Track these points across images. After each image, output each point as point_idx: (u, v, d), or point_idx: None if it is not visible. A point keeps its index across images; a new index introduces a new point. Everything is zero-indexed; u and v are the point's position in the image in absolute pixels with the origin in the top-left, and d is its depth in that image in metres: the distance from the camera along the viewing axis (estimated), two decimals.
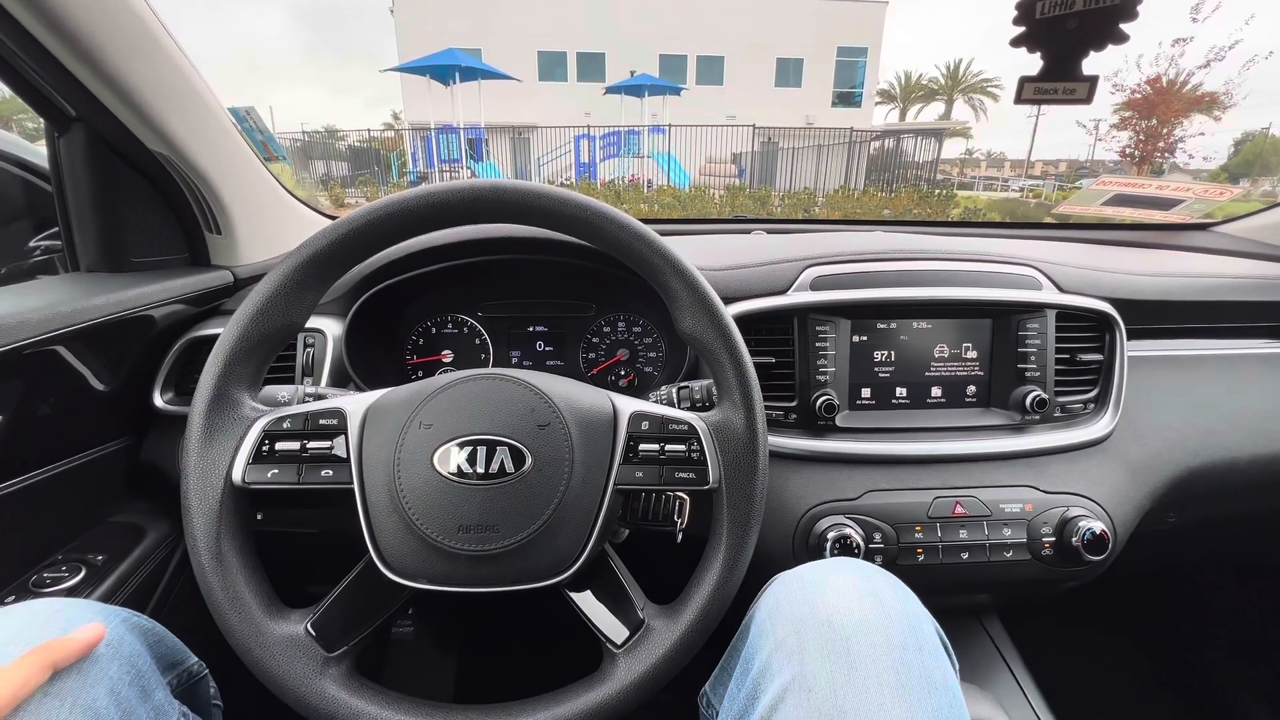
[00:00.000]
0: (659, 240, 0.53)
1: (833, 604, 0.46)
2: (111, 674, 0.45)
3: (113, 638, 0.46)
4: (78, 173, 0.75)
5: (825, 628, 0.45)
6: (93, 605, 0.49)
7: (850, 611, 0.46)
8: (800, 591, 0.49)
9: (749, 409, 0.52)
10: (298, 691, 0.47)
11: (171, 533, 0.78)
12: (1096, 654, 1.27)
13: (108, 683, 0.44)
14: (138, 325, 0.74)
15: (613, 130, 14.11)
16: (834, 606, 0.46)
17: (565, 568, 0.50)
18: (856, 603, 0.46)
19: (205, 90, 0.79)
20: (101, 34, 0.64)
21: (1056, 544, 0.73)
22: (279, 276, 0.51)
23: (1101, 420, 0.80)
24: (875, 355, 0.79)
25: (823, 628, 0.45)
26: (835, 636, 0.44)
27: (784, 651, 0.45)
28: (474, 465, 0.48)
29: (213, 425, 0.50)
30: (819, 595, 0.48)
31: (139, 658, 0.48)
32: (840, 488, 0.74)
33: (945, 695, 0.42)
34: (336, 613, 0.50)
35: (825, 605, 0.46)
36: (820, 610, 0.46)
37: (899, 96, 34.19)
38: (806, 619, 0.46)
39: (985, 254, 0.84)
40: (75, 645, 0.42)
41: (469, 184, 0.52)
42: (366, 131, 16.20)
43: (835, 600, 0.47)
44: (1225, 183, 14.18)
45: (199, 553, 0.48)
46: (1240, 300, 0.91)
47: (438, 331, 0.94)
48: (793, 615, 0.47)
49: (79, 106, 0.70)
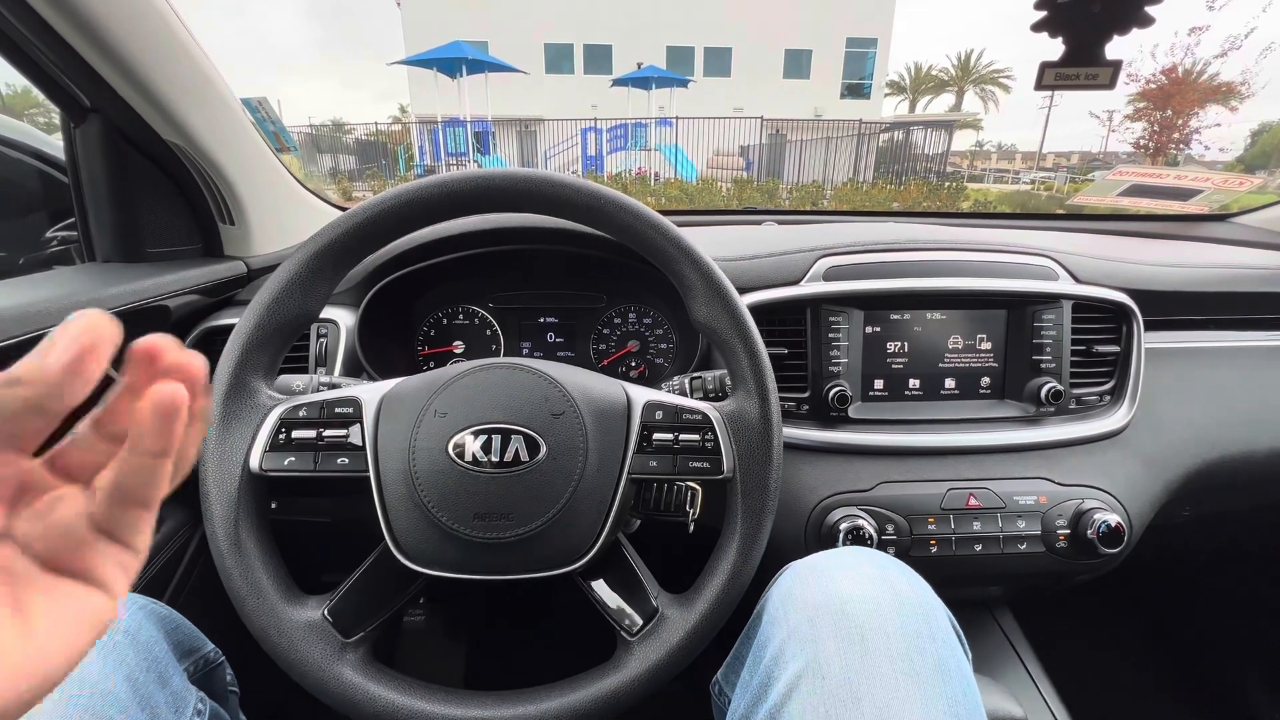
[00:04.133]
0: (674, 229, 0.53)
1: (846, 592, 0.46)
2: (129, 661, 0.45)
3: (130, 624, 0.47)
4: (93, 164, 0.76)
5: (839, 615, 0.45)
6: None
7: (864, 599, 0.45)
8: (813, 580, 0.49)
9: (764, 398, 0.52)
10: (316, 677, 0.48)
11: (188, 521, 0.79)
12: (1109, 646, 1.26)
13: (125, 669, 0.45)
14: (153, 315, 0.75)
15: (619, 123, 14.05)
16: (847, 594, 0.46)
17: (579, 556, 0.51)
18: (870, 591, 0.46)
19: (219, 81, 0.79)
20: (118, 25, 0.64)
21: (1071, 536, 0.73)
22: (294, 265, 0.51)
23: (1118, 412, 0.79)
24: (888, 346, 0.78)
25: (836, 615, 0.45)
26: (849, 624, 0.44)
27: (797, 639, 0.45)
28: (489, 453, 0.49)
29: (230, 413, 0.50)
30: (832, 583, 0.48)
31: (156, 644, 0.48)
32: (853, 479, 0.74)
33: (959, 682, 0.42)
34: (352, 599, 0.51)
35: (839, 593, 0.46)
36: (834, 598, 0.46)
37: (909, 88, 33.81)
38: (820, 607, 0.46)
39: (1000, 244, 0.83)
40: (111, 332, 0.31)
41: (481, 172, 0.52)
42: (374, 125, 16.24)
43: (849, 588, 0.47)
44: (1242, 173, 13.97)
45: (218, 539, 0.48)
46: (1259, 292, 0.90)
47: (449, 322, 0.94)
48: (806, 603, 0.47)
49: (95, 97, 0.71)
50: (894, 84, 32.64)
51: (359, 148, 15.00)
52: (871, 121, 14.51)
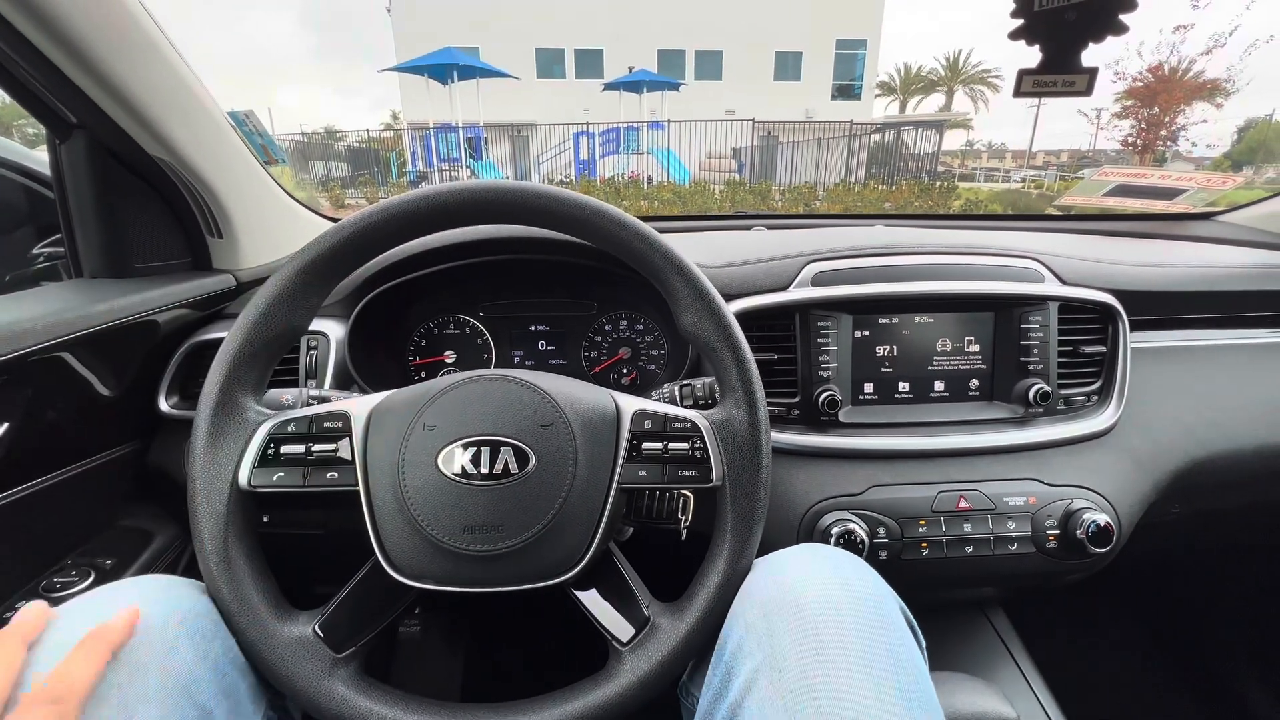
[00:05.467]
0: (659, 238, 0.54)
1: (800, 587, 0.48)
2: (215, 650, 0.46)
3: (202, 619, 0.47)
4: (79, 179, 0.75)
5: (793, 610, 0.46)
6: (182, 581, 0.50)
7: (817, 594, 0.47)
8: (768, 576, 0.50)
9: (751, 406, 0.53)
10: (307, 693, 0.47)
11: (179, 536, 0.79)
12: (1102, 646, 1.27)
13: (211, 658, 0.46)
14: (142, 330, 0.74)
15: (612, 127, 14.06)
16: (801, 590, 0.48)
17: (570, 567, 0.51)
18: (822, 586, 0.48)
19: (205, 95, 0.79)
20: (101, 41, 0.64)
21: (1061, 537, 0.73)
22: (282, 280, 0.51)
23: (1105, 412, 0.79)
24: (877, 350, 0.79)
25: (790, 610, 0.46)
26: (803, 618, 0.46)
27: (754, 635, 0.46)
28: (478, 466, 0.49)
29: (218, 430, 0.50)
30: (787, 579, 0.49)
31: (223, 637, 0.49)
32: (844, 483, 0.74)
33: (911, 671, 0.44)
34: (344, 614, 0.51)
35: (793, 588, 0.48)
36: (788, 594, 0.48)
37: (899, 89, 34.00)
38: (775, 603, 0.48)
39: (986, 247, 0.83)
40: (120, 630, 0.43)
41: (469, 185, 0.52)
42: (365, 132, 16.21)
43: (802, 584, 0.48)
44: (1229, 170, 14.10)
45: (207, 556, 0.48)
46: (1244, 290, 0.91)
47: (440, 332, 0.94)
48: (762, 600, 0.48)
49: (80, 113, 0.71)
50: (884, 85, 32.83)
51: (351, 155, 14.97)
52: (863, 122, 14.57)
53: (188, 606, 0.46)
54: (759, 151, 14.38)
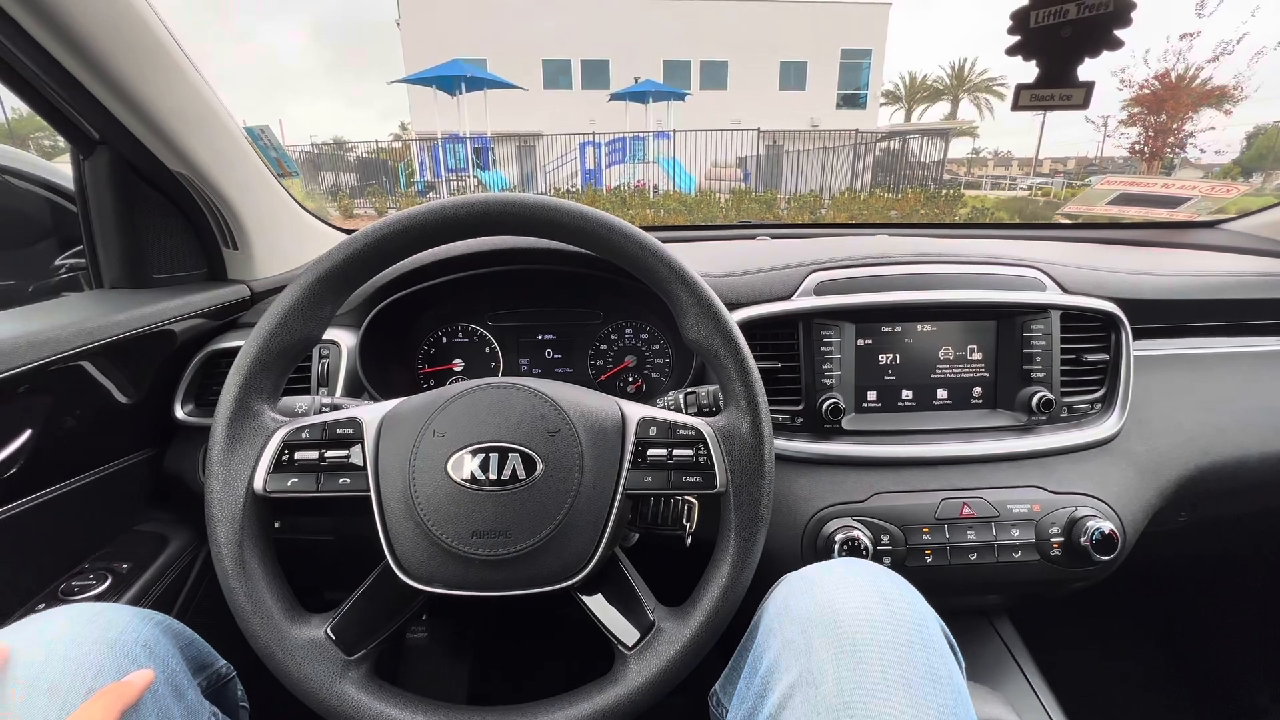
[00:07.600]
0: (663, 248, 0.55)
1: (839, 603, 0.47)
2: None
3: (147, 638, 0.48)
4: (102, 194, 0.78)
5: (831, 626, 0.46)
6: (129, 609, 0.50)
7: (856, 610, 0.46)
8: (806, 591, 0.50)
9: (755, 414, 0.53)
10: (319, 694, 0.48)
11: (193, 541, 0.80)
12: (1108, 653, 1.26)
13: None
14: (159, 339, 0.76)
15: (618, 136, 14.17)
16: (840, 605, 0.47)
17: (576, 571, 0.51)
18: (862, 601, 0.47)
19: (223, 111, 0.82)
20: (124, 60, 0.66)
21: (1065, 544, 0.73)
22: (297, 291, 0.53)
23: (1109, 420, 0.80)
24: (880, 358, 0.80)
25: (829, 626, 0.46)
26: (841, 634, 0.45)
27: (791, 650, 0.46)
28: (486, 472, 0.50)
29: (234, 436, 0.52)
30: (825, 595, 0.49)
31: (172, 659, 0.49)
32: (848, 490, 0.75)
33: (951, 691, 0.43)
34: (355, 617, 0.52)
35: (831, 604, 0.47)
36: (826, 609, 0.47)
37: (904, 97, 34.07)
38: (813, 618, 0.47)
39: (989, 256, 0.84)
40: (136, 688, 0.44)
41: (478, 198, 0.54)
42: (374, 143, 16.39)
43: (841, 599, 0.48)
44: (1237, 177, 14.00)
45: (223, 560, 0.49)
46: (1248, 298, 0.91)
47: (448, 341, 0.95)
48: (800, 614, 0.48)
49: (103, 130, 0.73)
50: (889, 94, 32.90)
51: (360, 165, 15.14)
52: (868, 131, 14.60)
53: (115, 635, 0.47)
54: (764, 160, 14.44)
